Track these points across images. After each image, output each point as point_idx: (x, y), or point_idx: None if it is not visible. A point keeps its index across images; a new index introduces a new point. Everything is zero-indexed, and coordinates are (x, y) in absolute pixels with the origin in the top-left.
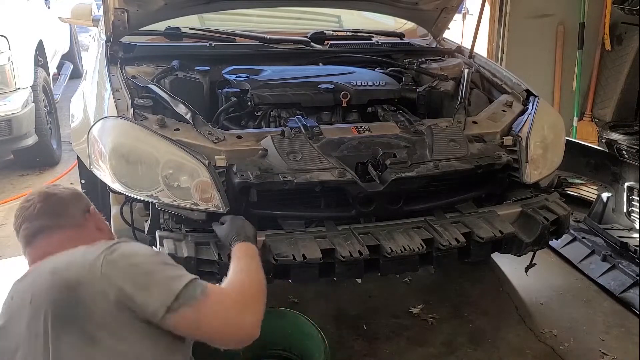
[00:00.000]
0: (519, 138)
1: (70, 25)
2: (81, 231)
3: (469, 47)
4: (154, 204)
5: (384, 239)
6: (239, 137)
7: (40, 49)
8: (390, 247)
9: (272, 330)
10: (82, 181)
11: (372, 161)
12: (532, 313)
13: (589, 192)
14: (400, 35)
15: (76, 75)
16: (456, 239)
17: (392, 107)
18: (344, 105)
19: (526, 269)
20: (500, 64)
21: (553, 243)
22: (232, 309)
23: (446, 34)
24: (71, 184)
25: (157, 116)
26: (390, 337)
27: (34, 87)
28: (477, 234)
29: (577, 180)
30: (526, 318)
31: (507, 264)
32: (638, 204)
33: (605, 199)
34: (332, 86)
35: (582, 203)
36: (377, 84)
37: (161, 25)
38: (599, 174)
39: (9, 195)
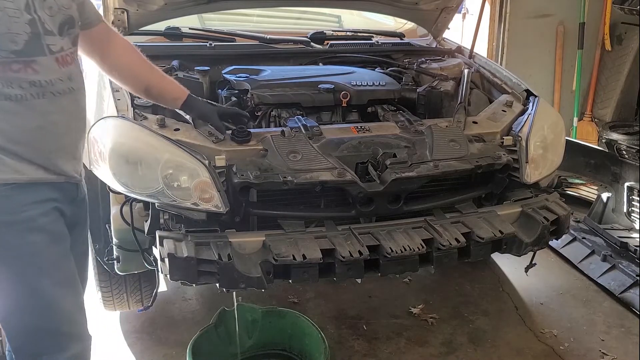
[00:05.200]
0: (519, 138)
1: None
2: None
3: (469, 47)
4: (154, 204)
5: (384, 239)
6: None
7: None
8: (390, 247)
9: (272, 330)
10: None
11: (372, 161)
12: (532, 313)
13: (589, 192)
14: (400, 35)
15: None
16: (456, 239)
17: (392, 107)
18: (344, 105)
19: (526, 269)
20: (500, 64)
21: (553, 243)
22: None
23: (446, 34)
24: None
25: (157, 116)
26: (390, 337)
27: None
28: (477, 234)
29: (577, 180)
30: (526, 318)
31: (507, 264)
32: (638, 204)
33: (605, 199)
34: (332, 86)
35: (582, 203)
36: (377, 84)
37: (161, 25)
38: (599, 174)
39: None
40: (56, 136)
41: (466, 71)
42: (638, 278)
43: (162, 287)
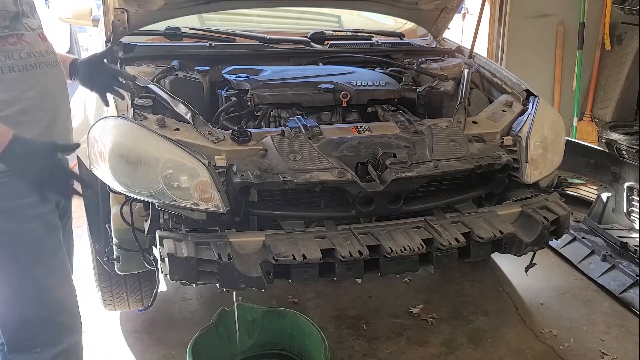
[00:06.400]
0: (519, 138)
1: (70, 25)
2: None
3: (469, 47)
4: (154, 204)
5: (384, 239)
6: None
7: None
8: (390, 247)
9: (272, 330)
10: None
11: (372, 161)
12: (532, 313)
13: (588, 192)
14: (400, 35)
15: None
16: (456, 239)
17: (392, 107)
18: (344, 105)
19: (526, 269)
20: (500, 64)
21: (553, 243)
22: None
23: (446, 34)
24: None
25: (157, 116)
26: (390, 337)
27: None
28: (477, 234)
29: (577, 180)
30: (526, 318)
31: (507, 264)
32: (638, 204)
33: (605, 199)
34: (332, 86)
35: (582, 203)
36: (377, 84)
37: (161, 25)
38: (599, 174)
39: None
40: (55, 105)
41: (466, 71)
42: (638, 278)
43: (162, 287)
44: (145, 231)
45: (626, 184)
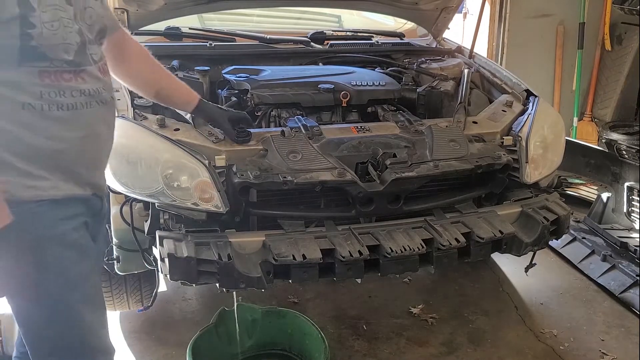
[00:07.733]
0: (519, 138)
1: None
2: None
3: (469, 47)
4: (154, 204)
5: (384, 239)
6: None
7: None
8: (390, 247)
9: (272, 330)
10: None
11: (372, 161)
12: (532, 313)
13: (588, 192)
14: (400, 35)
15: None
16: (456, 239)
17: (392, 107)
18: (344, 105)
19: (526, 269)
20: (500, 63)
21: (553, 243)
22: None
23: (446, 34)
24: None
25: (157, 116)
26: (390, 337)
27: None
28: (477, 234)
29: (577, 180)
30: (526, 318)
31: (507, 264)
32: (638, 204)
33: (605, 199)
34: (332, 86)
35: (582, 203)
36: (377, 83)
37: (161, 25)
38: (599, 174)
39: None
40: (97, 146)
41: (466, 71)
42: (638, 278)
43: (162, 287)
44: (145, 231)
45: (626, 184)
